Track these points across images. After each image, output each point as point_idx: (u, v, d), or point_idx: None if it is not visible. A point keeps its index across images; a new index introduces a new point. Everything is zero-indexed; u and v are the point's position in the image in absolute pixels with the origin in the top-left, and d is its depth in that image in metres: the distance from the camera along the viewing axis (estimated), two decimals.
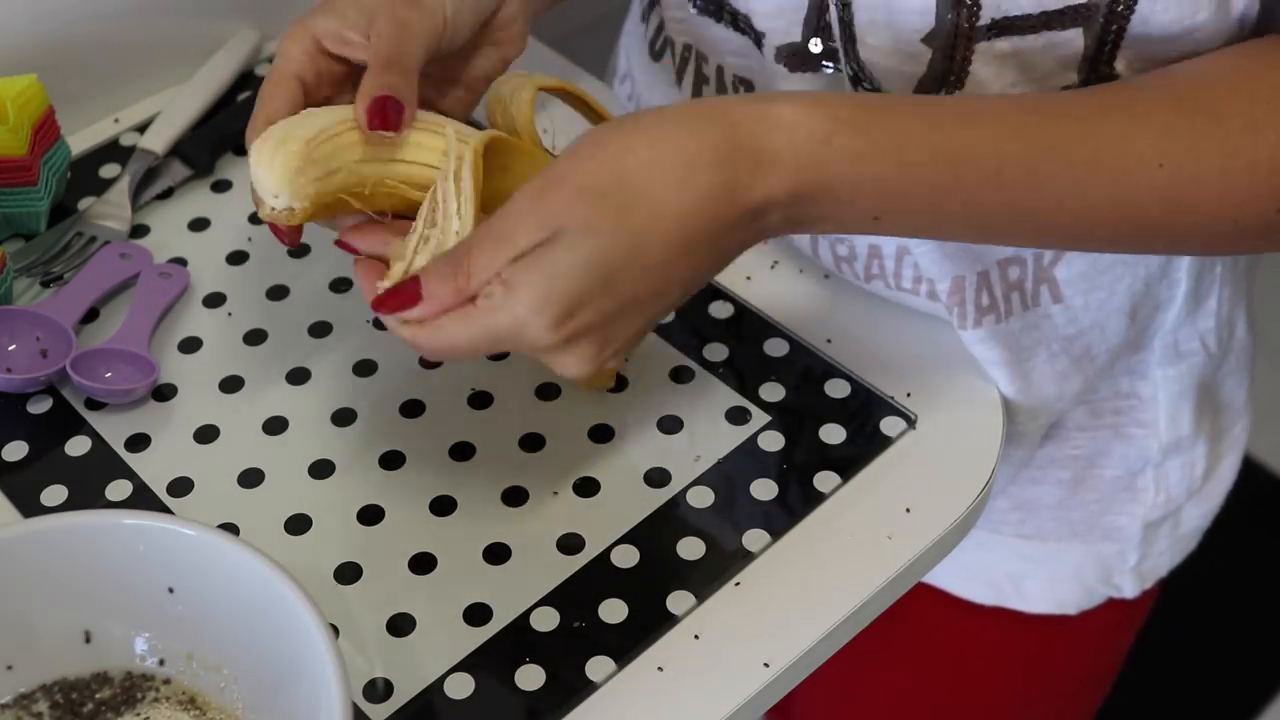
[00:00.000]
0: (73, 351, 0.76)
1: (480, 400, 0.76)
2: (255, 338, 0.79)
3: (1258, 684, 1.71)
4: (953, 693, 1.00)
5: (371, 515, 0.71)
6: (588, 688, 0.65)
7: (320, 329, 0.79)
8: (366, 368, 0.77)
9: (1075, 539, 0.89)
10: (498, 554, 0.70)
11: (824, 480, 0.72)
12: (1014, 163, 0.62)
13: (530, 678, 0.65)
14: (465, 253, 0.60)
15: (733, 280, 0.81)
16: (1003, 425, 0.75)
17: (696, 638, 0.67)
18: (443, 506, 0.71)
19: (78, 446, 0.74)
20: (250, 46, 0.94)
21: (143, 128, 0.90)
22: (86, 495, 0.72)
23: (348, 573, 0.69)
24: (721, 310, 0.80)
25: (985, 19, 0.66)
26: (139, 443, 0.74)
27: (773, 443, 0.74)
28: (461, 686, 0.65)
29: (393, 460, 0.73)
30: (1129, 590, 0.91)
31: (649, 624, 0.67)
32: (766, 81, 0.75)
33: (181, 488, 0.72)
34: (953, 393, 0.76)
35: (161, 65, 0.92)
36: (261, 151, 0.63)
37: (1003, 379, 0.77)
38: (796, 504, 0.71)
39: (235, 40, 0.94)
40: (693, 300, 0.79)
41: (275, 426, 0.75)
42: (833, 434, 0.74)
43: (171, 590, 0.63)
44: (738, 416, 0.75)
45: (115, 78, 0.91)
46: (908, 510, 0.71)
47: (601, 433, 0.74)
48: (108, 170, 0.88)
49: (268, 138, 0.63)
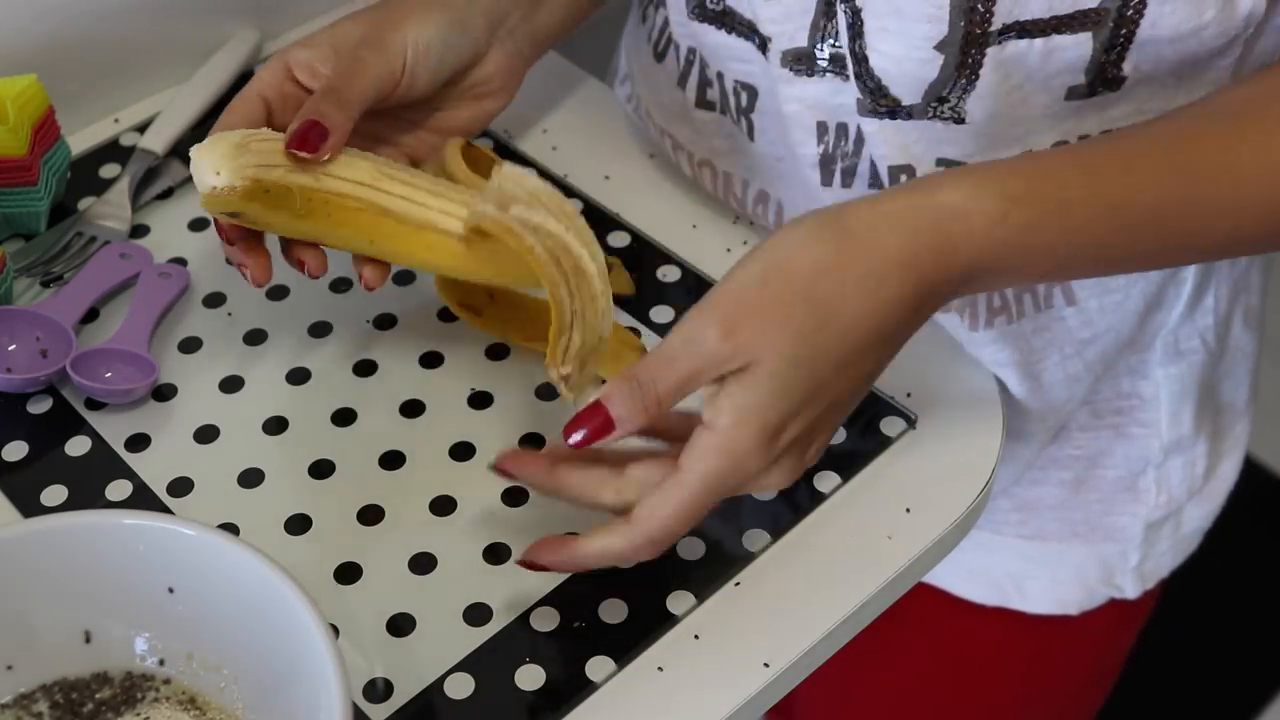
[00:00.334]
0: (73, 351, 0.76)
1: (480, 400, 0.76)
2: (255, 338, 0.79)
3: (1259, 684, 1.71)
4: (954, 693, 1.00)
5: (371, 515, 0.71)
6: (588, 688, 0.65)
7: (320, 329, 0.79)
8: (366, 368, 0.77)
9: (1077, 539, 0.89)
10: (498, 554, 0.69)
11: (824, 480, 0.72)
12: (1171, 200, 0.63)
13: (530, 678, 0.65)
14: (648, 379, 0.60)
15: None
16: (1003, 425, 0.75)
17: (696, 638, 0.67)
18: (443, 506, 0.71)
19: (78, 446, 0.74)
20: (250, 46, 0.94)
21: (143, 128, 0.90)
22: (86, 495, 0.72)
23: (348, 573, 0.69)
24: None
25: (997, 24, 0.66)
26: (139, 443, 0.74)
27: None
28: (461, 686, 0.65)
29: (392, 460, 0.73)
30: (1130, 590, 0.91)
31: (649, 624, 0.67)
32: (770, 86, 0.75)
33: (181, 488, 0.72)
34: (953, 393, 0.76)
35: (161, 65, 0.92)
36: (203, 143, 0.67)
37: (1012, 380, 0.77)
38: (796, 504, 0.71)
39: (235, 40, 0.94)
40: (693, 300, 0.79)
41: (275, 426, 0.75)
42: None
43: (171, 590, 0.63)
44: None
45: (115, 78, 0.91)
46: (908, 510, 0.71)
47: None
48: (108, 170, 0.88)
49: (210, 136, 0.68)
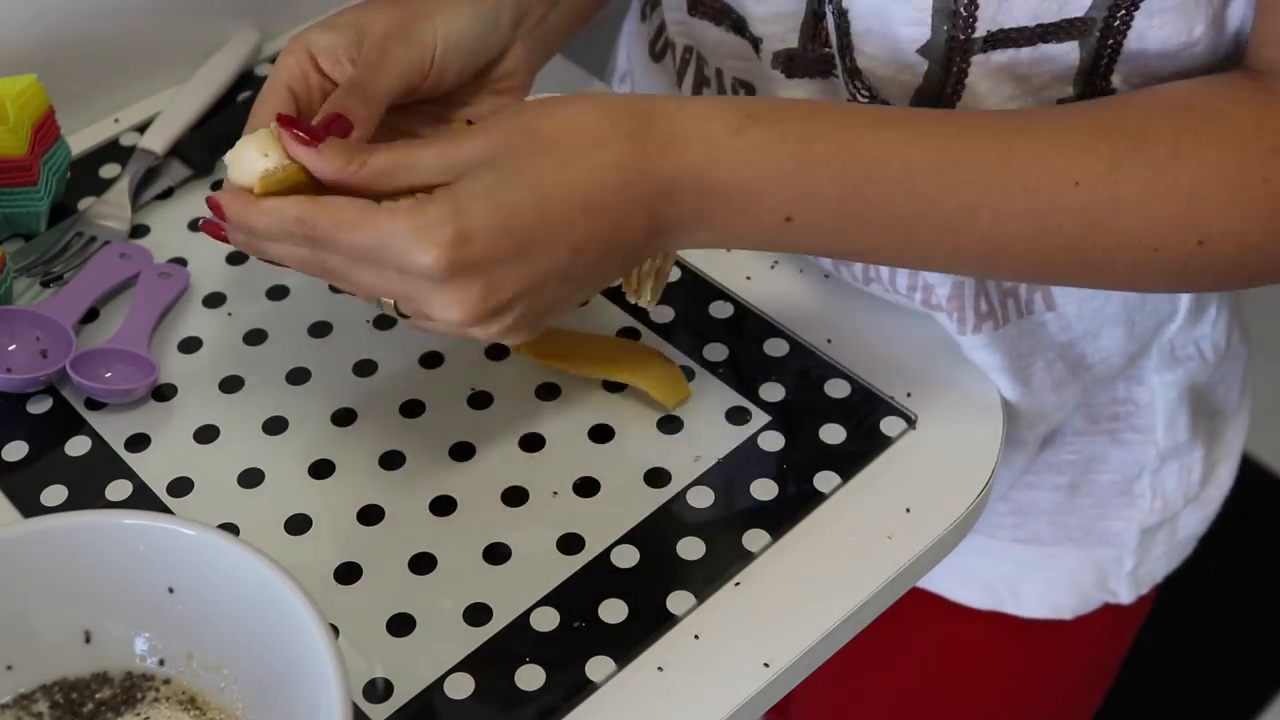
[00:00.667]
0: (73, 351, 0.76)
1: (480, 400, 0.76)
2: (255, 338, 0.79)
3: (1256, 687, 1.70)
4: (949, 696, 1.00)
5: (371, 515, 0.71)
6: (588, 688, 0.65)
7: (320, 329, 0.79)
8: (366, 368, 0.77)
9: (1071, 544, 0.89)
10: (498, 554, 0.69)
11: (824, 480, 0.72)
12: (923, 168, 0.61)
13: (530, 678, 0.65)
14: (368, 153, 0.60)
15: (733, 280, 0.81)
16: (1003, 425, 0.75)
17: (696, 638, 0.67)
18: (443, 506, 0.71)
19: (78, 446, 0.74)
20: (250, 47, 0.94)
21: (143, 128, 0.90)
22: (86, 495, 0.72)
23: (348, 573, 0.69)
24: (721, 310, 0.80)
25: (981, 31, 0.66)
26: (139, 443, 0.74)
27: (773, 443, 0.74)
28: (461, 686, 0.65)
29: (393, 460, 0.73)
30: (1125, 596, 0.91)
31: (649, 624, 0.67)
32: (766, 85, 0.75)
33: (181, 488, 0.72)
34: (953, 393, 0.76)
35: (161, 65, 0.92)
36: (251, 136, 0.64)
37: (1004, 385, 0.77)
38: (796, 504, 0.71)
39: (235, 40, 0.94)
40: (693, 300, 0.80)
41: (275, 426, 0.75)
42: (833, 434, 0.74)
43: (171, 590, 0.63)
44: (738, 416, 0.75)
45: (115, 78, 0.91)
46: (908, 510, 0.71)
47: (601, 433, 0.74)
48: (108, 170, 0.88)
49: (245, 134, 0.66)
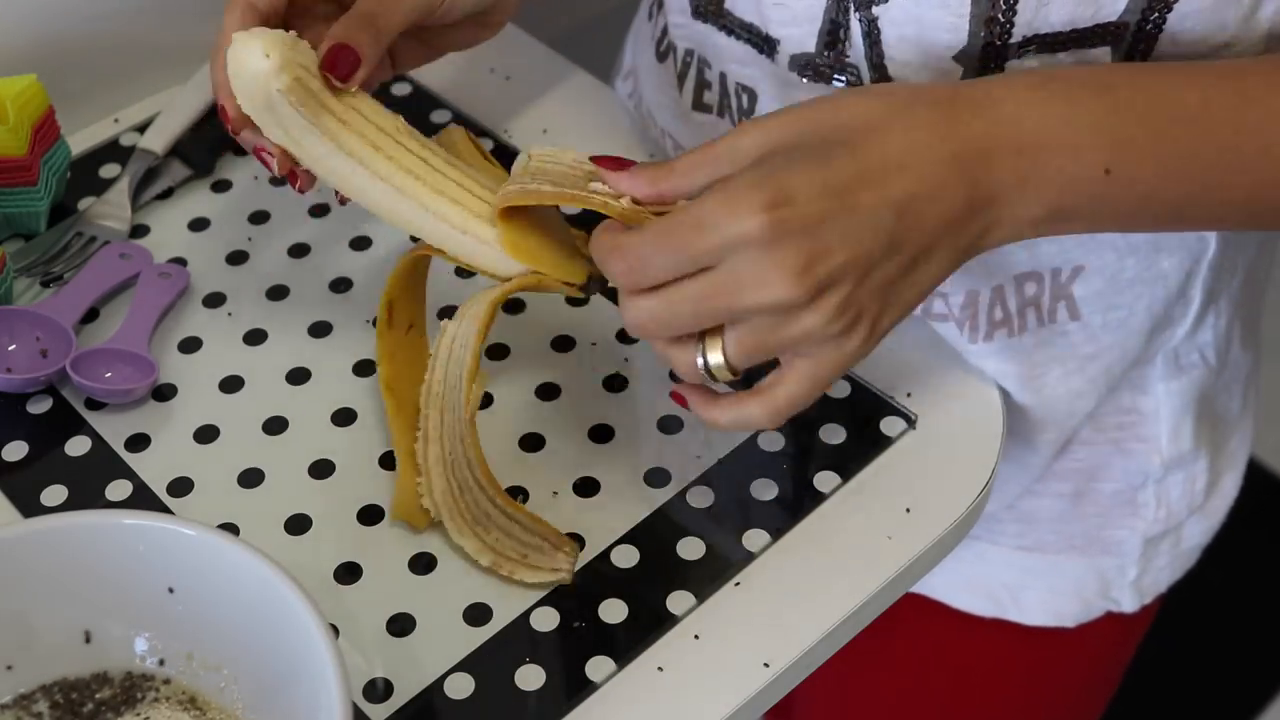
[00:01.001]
0: (73, 351, 0.76)
1: (481, 400, 0.76)
2: (255, 338, 0.79)
3: (1256, 692, 1.70)
4: (950, 703, 0.99)
5: (371, 515, 0.71)
6: (588, 688, 0.65)
7: (320, 329, 0.79)
8: (366, 368, 0.77)
9: (1074, 552, 0.89)
10: None
11: (824, 480, 0.72)
12: (1218, 103, 0.61)
13: (530, 678, 0.65)
14: (670, 164, 0.60)
15: None
16: (1003, 425, 0.75)
17: (696, 638, 0.67)
18: None
19: (78, 446, 0.74)
20: None
21: (143, 128, 0.90)
22: (86, 495, 0.72)
23: (348, 573, 0.69)
24: None
25: (1017, 36, 0.65)
26: (139, 443, 0.74)
27: (773, 443, 0.74)
28: (461, 686, 0.65)
29: (393, 460, 0.73)
30: (1128, 605, 0.91)
31: (649, 624, 0.67)
32: (774, 90, 0.74)
33: (181, 488, 0.72)
34: (953, 393, 0.76)
35: (161, 65, 0.92)
36: (248, 31, 0.64)
37: (1016, 392, 0.77)
38: (796, 504, 0.71)
39: None
40: None
41: (275, 426, 0.75)
42: (833, 434, 0.74)
43: (171, 590, 0.63)
44: None
45: (115, 78, 0.91)
46: (908, 510, 0.71)
47: (601, 433, 0.74)
48: (108, 170, 0.88)
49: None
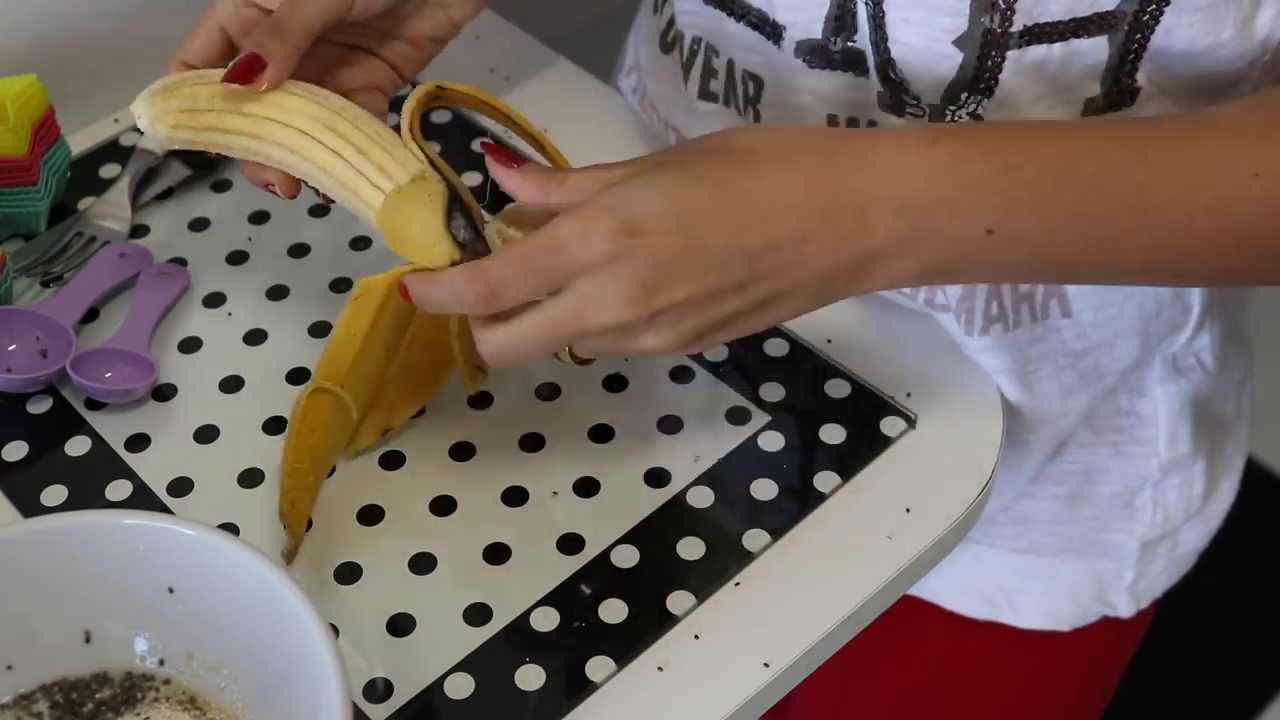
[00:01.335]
0: (73, 351, 0.76)
1: (480, 400, 0.76)
2: (255, 338, 0.79)
3: (1254, 692, 1.70)
4: (947, 705, 0.99)
5: (372, 515, 0.71)
6: (588, 688, 0.65)
7: (320, 329, 0.79)
8: None
9: (1071, 555, 0.88)
10: (498, 554, 0.69)
11: (824, 480, 0.72)
12: (1114, 168, 0.61)
13: (530, 678, 0.65)
14: (564, 174, 0.61)
15: None
16: (1003, 426, 0.75)
17: (696, 638, 0.67)
18: (443, 506, 0.71)
19: (78, 446, 0.74)
20: None
21: None
22: (86, 495, 0.72)
23: (348, 573, 0.69)
24: None
25: (1018, 25, 0.66)
26: (139, 443, 0.74)
27: (773, 443, 0.74)
28: (461, 686, 0.65)
29: (393, 460, 0.73)
30: (1124, 609, 0.91)
31: (649, 624, 0.67)
32: (779, 77, 0.75)
33: (181, 488, 0.72)
34: (953, 393, 0.76)
35: (161, 65, 0.92)
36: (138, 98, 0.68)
37: (1008, 388, 0.77)
38: (796, 504, 0.71)
39: None
40: None
41: (275, 426, 0.75)
42: (833, 434, 0.74)
43: (171, 590, 0.63)
44: (738, 416, 0.75)
45: (115, 78, 0.91)
46: (908, 510, 0.71)
47: (601, 433, 0.74)
48: (108, 170, 0.88)
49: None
